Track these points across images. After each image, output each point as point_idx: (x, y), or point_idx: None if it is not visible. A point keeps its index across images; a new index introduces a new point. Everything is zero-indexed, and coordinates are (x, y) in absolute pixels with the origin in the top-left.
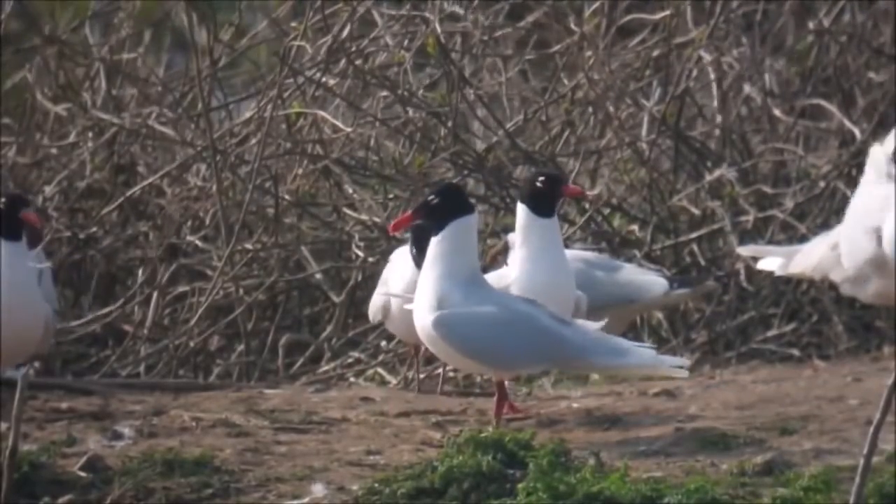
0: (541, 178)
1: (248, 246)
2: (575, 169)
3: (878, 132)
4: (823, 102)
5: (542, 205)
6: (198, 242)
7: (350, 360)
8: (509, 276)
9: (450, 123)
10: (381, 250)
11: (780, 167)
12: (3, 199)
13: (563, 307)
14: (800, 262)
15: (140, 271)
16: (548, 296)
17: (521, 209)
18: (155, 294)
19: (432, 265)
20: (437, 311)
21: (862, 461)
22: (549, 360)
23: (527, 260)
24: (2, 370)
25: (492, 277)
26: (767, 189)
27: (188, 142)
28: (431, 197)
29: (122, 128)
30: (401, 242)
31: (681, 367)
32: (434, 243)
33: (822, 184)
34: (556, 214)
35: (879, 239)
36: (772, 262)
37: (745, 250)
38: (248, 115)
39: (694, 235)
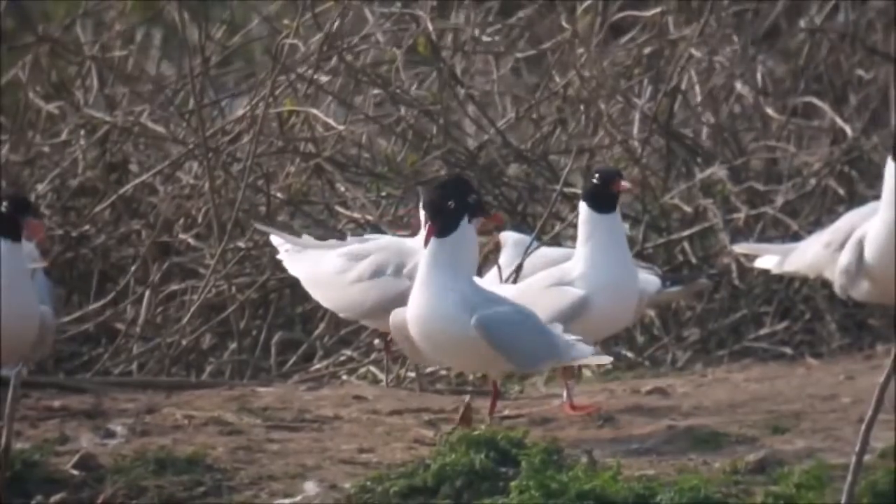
0: (596, 175)
1: (241, 244)
2: (567, 167)
3: (869, 130)
4: (815, 100)
5: (601, 201)
6: (190, 240)
7: (342, 359)
8: (572, 272)
9: (441, 121)
10: None
11: (772, 164)
12: (5, 201)
13: (629, 303)
14: (794, 260)
15: (132, 269)
16: (614, 292)
17: (581, 207)
18: (147, 292)
19: (441, 268)
20: (474, 313)
21: (854, 459)
22: (553, 357)
23: (592, 257)
24: None
25: (552, 273)
26: (759, 186)
27: (180, 140)
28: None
29: (115, 126)
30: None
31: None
32: (442, 245)
33: (813, 181)
34: (618, 210)
35: (862, 246)
36: (768, 260)
37: (740, 248)
38: (240, 112)
39: (686, 233)
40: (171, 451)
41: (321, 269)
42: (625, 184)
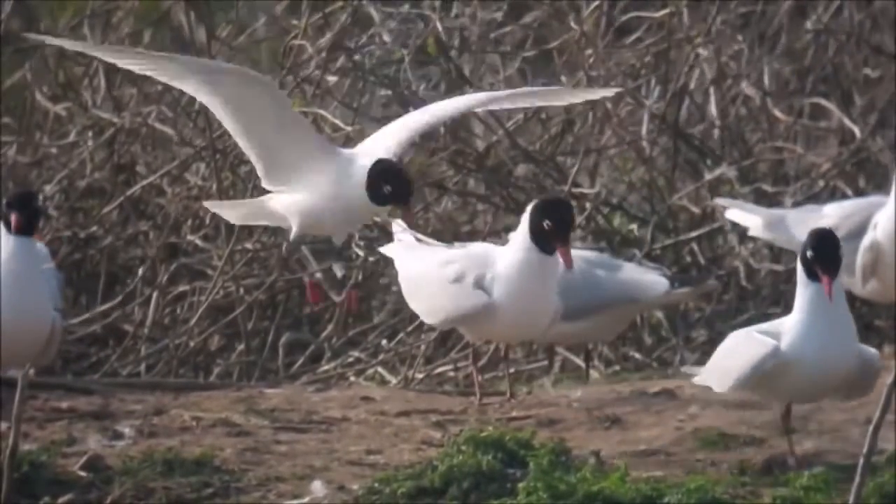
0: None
1: (248, 245)
2: (575, 167)
3: (877, 131)
4: (823, 101)
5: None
6: (198, 242)
7: (350, 360)
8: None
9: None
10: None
11: (780, 165)
12: (16, 197)
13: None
14: (785, 230)
15: (140, 271)
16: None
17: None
18: (155, 293)
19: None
20: None
21: (861, 460)
22: None
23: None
24: (4, 370)
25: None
26: (767, 187)
27: (188, 141)
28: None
29: (122, 127)
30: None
31: None
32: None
33: (821, 182)
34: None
35: (875, 228)
36: (746, 218)
37: (721, 201)
38: None
39: (694, 234)
40: (178, 453)
41: (414, 267)
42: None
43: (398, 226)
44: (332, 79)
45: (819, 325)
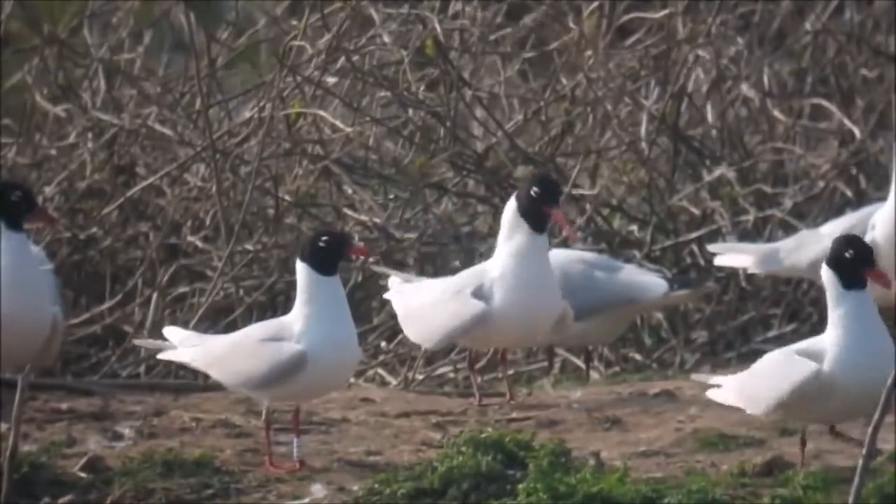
0: (323, 238)
1: (249, 246)
2: (575, 169)
3: (877, 131)
4: (823, 102)
5: (325, 264)
6: (198, 243)
7: None
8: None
9: (448, 124)
10: (380, 251)
11: (780, 166)
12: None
13: (350, 361)
14: (780, 262)
15: (140, 272)
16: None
17: (300, 267)
18: (155, 294)
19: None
20: None
21: (861, 461)
22: None
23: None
24: (5, 371)
25: (270, 326)
26: (767, 188)
27: (188, 142)
28: None
29: (122, 128)
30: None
31: None
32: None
33: (821, 183)
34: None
35: (873, 228)
36: (739, 259)
37: (712, 248)
38: (247, 115)
39: (694, 235)
40: (178, 454)
41: (414, 300)
42: (359, 246)
43: (395, 280)
44: (331, 80)
45: (860, 341)
